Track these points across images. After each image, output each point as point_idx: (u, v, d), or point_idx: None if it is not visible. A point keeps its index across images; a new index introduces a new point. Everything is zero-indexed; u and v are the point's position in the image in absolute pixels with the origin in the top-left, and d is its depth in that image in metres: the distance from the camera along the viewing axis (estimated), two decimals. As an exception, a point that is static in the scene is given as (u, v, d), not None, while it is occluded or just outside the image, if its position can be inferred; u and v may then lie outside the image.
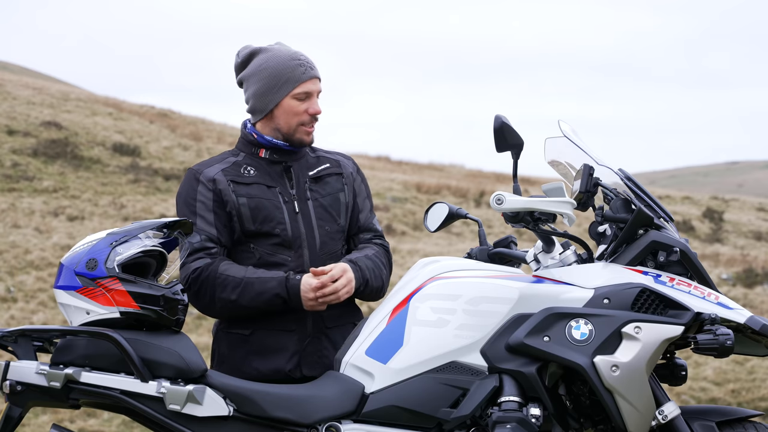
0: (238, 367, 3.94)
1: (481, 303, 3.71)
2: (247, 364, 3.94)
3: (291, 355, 3.94)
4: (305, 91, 4.02)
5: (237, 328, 3.98)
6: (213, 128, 33.93)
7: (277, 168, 4.06)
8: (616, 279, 3.72)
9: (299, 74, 4.01)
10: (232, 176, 4.00)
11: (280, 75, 4.00)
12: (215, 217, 3.96)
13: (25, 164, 22.63)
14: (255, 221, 3.96)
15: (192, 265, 3.93)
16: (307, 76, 4.02)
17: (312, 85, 4.03)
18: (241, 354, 3.96)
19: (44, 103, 29.46)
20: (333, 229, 4.05)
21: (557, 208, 3.75)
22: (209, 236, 3.95)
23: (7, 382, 3.66)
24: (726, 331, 3.59)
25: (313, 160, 4.14)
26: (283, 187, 4.02)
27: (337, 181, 4.12)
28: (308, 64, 4.04)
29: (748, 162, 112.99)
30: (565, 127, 3.96)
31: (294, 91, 4.01)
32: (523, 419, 3.59)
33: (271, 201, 3.98)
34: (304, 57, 4.06)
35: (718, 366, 13.25)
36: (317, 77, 4.05)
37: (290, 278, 3.88)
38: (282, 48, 4.07)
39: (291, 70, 4.00)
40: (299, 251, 3.98)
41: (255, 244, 3.97)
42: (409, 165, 35.70)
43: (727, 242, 24.48)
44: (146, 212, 19.95)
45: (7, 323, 13.20)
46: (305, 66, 4.03)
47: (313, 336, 3.97)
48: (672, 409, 3.73)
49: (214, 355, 4.06)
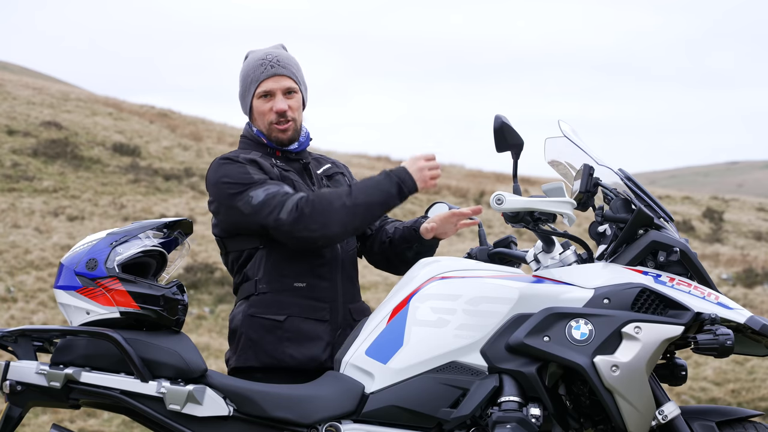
0: (270, 352, 3.89)
1: (481, 303, 3.71)
2: (281, 350, 3.89)
3: (326, 345, 3.92)
4: (265, 90, 4.01)
5: (269, 313, 3.92)
6: (213, 128, 33.92)
7: (297, 165, 4.08)
8: (616, 279, 3.72)
9: (259, 74, 4.01)
10: (268, 165, 3.98)
11: (247, 77, 4.05)
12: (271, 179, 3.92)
13: (25, 164, 22.63)
14: None
15: (294, 197, 3.85)
16: (266, 74, 4.01)
17: (273, 83, 4.01)
18: (273, 339, 3.90)
19: (44, 103, 29.46)
20: None
21: (557, 208, 3.75)
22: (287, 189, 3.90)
23: (7, 382, 3.67)
24: (726, 331, 3.59)
25: (315, 162, 4.18)
26: (305, 184, 4.04)
27: (342, 180, 4.17)
28: (271, 62, 4.02)
29: (748, 162, 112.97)
30: (565, 127, 3.97)
31: (257, 91, 4.02)
32: (523, 419, 3.59)
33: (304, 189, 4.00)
34: (272, 56, 4.04)
35: (718, 366, 13.25)
36: (280, 74, 4.02)
37: (392, 169, 3.88)
38: (260, 50, 4.08)
39: (254, 70, 4.02)
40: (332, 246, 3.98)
41: None
42: (409, 165, 35.64)
43: (727, 242, 24.48)
44: (146, 212, 19.95)
45: (7, 323, 13.20)
46: (266, 65, 4.01)
47: (343, 328, 3.96)
48: (672, 409, 3.73)
49: (239, 341, 3.94)
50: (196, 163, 25.34)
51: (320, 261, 3.96)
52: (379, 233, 4.21)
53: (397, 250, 4.14)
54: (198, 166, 24.94)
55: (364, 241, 4.23)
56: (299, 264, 3.95)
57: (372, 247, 4.22)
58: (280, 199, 3.84)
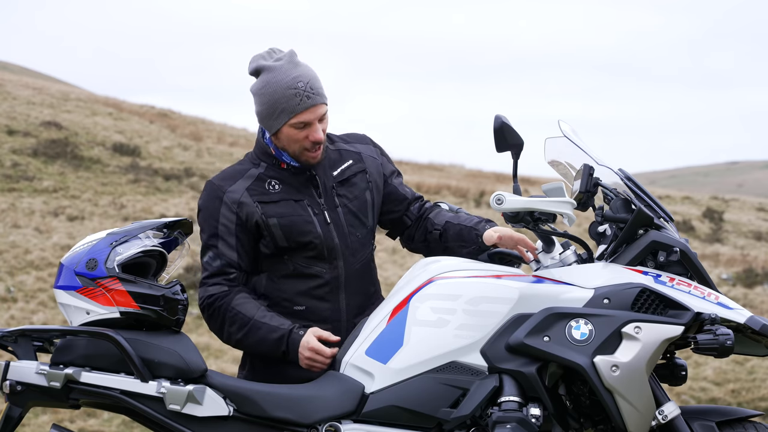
0: (276, 377, 3.89)
1: (481, 303, 3.71)
2: (287, 375, 3.89)
3: (330, 367, 3.87)
4: (302, 121, 3.88)
5: None
6: (213, 128, 33.94)
7: (302, 178, 3.99)
8: (616, 279, 3.72)
9: (294, 105, 3.86)
10: (259, 196, 3.92)
11: (277, 104, 3.87)
12: (237, 242, 3.91)
13: (25, 164, 22.63)
14: (288, 239, 3.91)
15: (209, 290, 3.92)
16: (302, 106, 3.87)
17: (310, 114, 3.89)
18: (277, 365, 3.92)
19: (44, 103, 29.46)
20: (363, 234, 4.02)
21: (557, 208, 3.75)
22: (229, 261, 3.91)
23: (7, 382, 3.67)
24: (726, 331, 3.59)
25: (335, 154, 4.07)
26: (310, 198, 3.97)
27: (361, 180, 4.06)
28: (306, 92, 3.87)
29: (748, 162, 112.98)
30: (565, 127, 3.96)
31: (290, 122, 3.88)
32: (523, 419, 3.59)
33: (302, 216, 3.93)
34: (303, 83, 3.87)
35: (718, 366, 13.25)
36: (318, 104, 3.89)
37: (293, 332, 3.85)
38: (284, 69, 3.88)
39: (287, 100, 3.86)
40: (334, 262, 3.95)
41: (289, 256, 3.94)
42: (409, 165, 35.68)
43: (727, 242, 24.47)
44: (146, 212, 19.94)
45: (7, 323, 13.20)
46: (302, 95, 3.86)
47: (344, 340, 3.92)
48: (672, 409, 3.73)
49: (244, 364, 4.03)
50: (196, 163, 25.34)
51: (318, 282, 3.95)
52: (423, 222, 4.15)
53: (448, 245, 4.09)
54: (198, 166, 24.95)
55: (402, 228, 4.18)
56: (296, 287, 3.94)
57: (413, 235, 4.18)
58: (205, 280, 3.95)
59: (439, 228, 4.10)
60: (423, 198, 4.23)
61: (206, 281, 3.94)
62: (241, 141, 31.44)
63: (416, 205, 4.18)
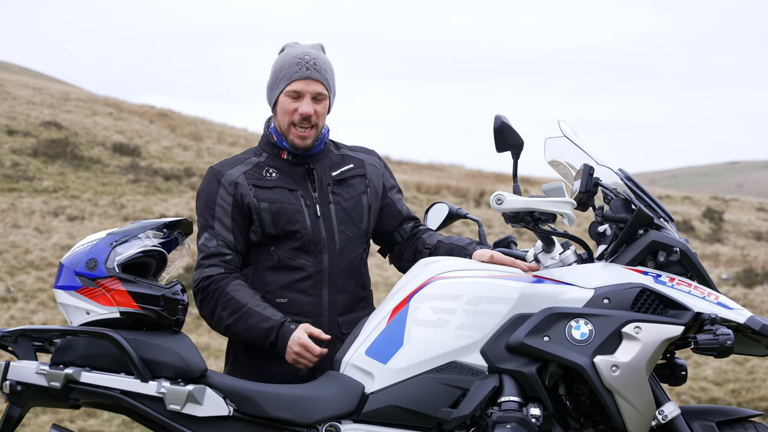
0: (256, 371, 3.91)
1: (481, 303, 3.71)
2: (267, 369, 3.91)
3: None
4: (295, 89, 3.97)
5: None
6: (213, 128, 33.94)
7: (300, 170, 4.03)
8: (616, 279, 3.72)
9: (292, 72, 3.97)
10: (254, 179, 3.97)
11: (280, 70, 4.00)
12: (233, 224, 3.94)
13: (25, 164, 22.64)
14: (276, 225, 3.94)
15: (206, 271, 3.93)
16: (300, 75, 3.97)
17: (304, 85, 3.97)
18: (257, 358, 3.93)
19: (44, 103, 29.47)
20: (354, 234, 4.03)
21: (557, 208, 3.75)
22: (226, 242, 3.93)
23: (7, 382, 3.66)
24: (726, 331, 3.59)
25: (338, 158, 4.11)
26: (305, 190, 4.00)
27: (360, 183, 4.09)
28: (308, 63, 3.98)
29: (748, 162, 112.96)
30: (565, 127, 3.96)
31: (286, 88, 3.98)
32: (523, 419, 3.59)
33: (293, 205, 3.96)
34: (310, 57, 3.99)
35: (718, 366, 13.25)
36: (314, 79, 3.98)
37: (285, 325, 3.85)
38: (300, 47, 4.04)
39: (289, 67, 3.98)
40: (319, 256, 3.96)
41: (275, 247, 3.96)
42: (409, 165, 35.70)
43: (727, 242, 24.48)
44: (146, 212, 19.95)
45: (7, 323, 13.20)
46: (302, 65, 3.97)
47: (333, 343, 3.92)
48: (672, 409, 3.73)
49: (228, 357, 4.04)
50: (195, 163, 25.34)
51: (302, 275, 3.96)
52: (413, 241, 4.16)
53: None
54: (198, 166, 24.95)
55: (392, 245, 4.19)
56: (280, 279, 3.96)
57: (402, 253, 4.18)
58: (201, 261, 3.94)
59: (430, 247, 4.11)
60: (419, 220, 4.24)
61: (202, 263, 3.94)
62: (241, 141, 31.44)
63: (410, 224, 4.20)
